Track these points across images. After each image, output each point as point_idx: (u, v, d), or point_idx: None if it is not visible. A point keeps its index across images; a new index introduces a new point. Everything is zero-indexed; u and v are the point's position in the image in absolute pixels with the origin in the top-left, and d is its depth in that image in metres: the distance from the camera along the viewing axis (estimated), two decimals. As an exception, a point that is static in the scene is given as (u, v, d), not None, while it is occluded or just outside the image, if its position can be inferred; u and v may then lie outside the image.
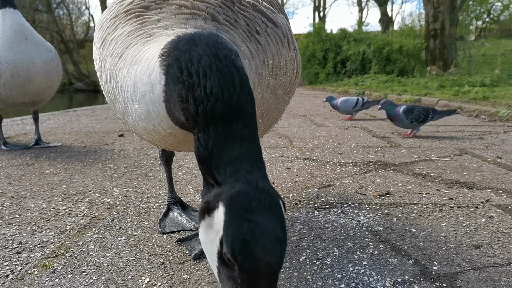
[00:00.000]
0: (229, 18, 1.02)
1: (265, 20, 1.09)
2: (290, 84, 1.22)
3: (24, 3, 27.67)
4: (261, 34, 1.05)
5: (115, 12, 1.10)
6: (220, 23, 0.99)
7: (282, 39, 1.12)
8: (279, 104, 1.21)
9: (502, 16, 23.97)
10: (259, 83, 1.04)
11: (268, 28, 1.08)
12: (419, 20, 23.10)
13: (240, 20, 1.04)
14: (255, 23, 1.06)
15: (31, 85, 3.04)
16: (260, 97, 1.07)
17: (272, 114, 1.22)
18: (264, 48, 1.05)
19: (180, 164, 2.67)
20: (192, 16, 0.99)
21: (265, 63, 1.05)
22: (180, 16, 0.99)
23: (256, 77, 1.02)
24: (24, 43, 2.96)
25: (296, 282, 1.16)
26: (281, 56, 1.11)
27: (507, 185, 2.12)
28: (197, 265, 1.28)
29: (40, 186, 2.19)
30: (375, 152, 3.01)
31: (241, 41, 1.00)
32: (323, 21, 32.50)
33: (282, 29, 1.14)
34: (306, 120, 5.06)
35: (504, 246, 1.38)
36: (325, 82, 16.64)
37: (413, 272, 1.22)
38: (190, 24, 0.97)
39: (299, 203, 1.87)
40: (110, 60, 1.04)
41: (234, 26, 1.01)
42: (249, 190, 0.68)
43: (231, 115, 0.74)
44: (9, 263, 1.29)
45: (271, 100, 1.13)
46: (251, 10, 1.08)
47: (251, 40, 1.02)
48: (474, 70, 13.80)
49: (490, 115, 5.20)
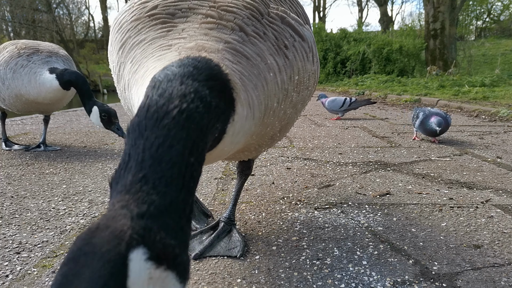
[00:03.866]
0: (258, 30, 0.99)
1: (293, 33, 1.06)
2: (309, 97, 1.21)
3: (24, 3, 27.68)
4: (289, 48, 1.03)
5: (137, 15, 1.06)
6: (248, 35, 0.96)
7: (308, 53, 1.10)
8: (296, 117, 1.21)
9: (502, 16, 24.00)
10: (283, 99, 1.01)
11: (296, 42, 1.05)
12: (419, 20, 23.07)
13: (269, 33, 1.00)
14: (284, 37, 1.03)
15: (38, 105, 3.00)
16: (282, 113, 1.05)
17: (289, 127, 1.22)
18: (291, 63, 1.02)
19: (180, 164, 2.67)
20: (217, 26, 0.95)
21: (291, 79, 1.02)
22: (204, 26, 0.96)
23: (281, 92, 0.99)
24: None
25: (296, 282, 1.16)
26: (305, 71, 1.09)
27: (507, 185, 2.12)
28: (197, 265, 1.28)
29: (40, 186, 2.19)
30: (375, 152, 3.01)
31: (269, 54, 0.97)
32: (323, 21, 32.51)
33: (309, 43, 1.11)
34: (306, 120, 5.05)
35: (504, 246, 1.38)
36: (325, 82, 16.64)
37: (413, 272, 1.22)
38: (212, 35, 0.93)
39: (299, 203, 1.87)
40: (130, 66, 1.00)
41: (263, 39, 0.98)
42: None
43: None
44: (9, 263, 1.29)
45: (291, 115, 1.12)
46: (280, 23, 1.04)
47: (279, 54, 1.00)
48: (474, 70, 13.80)
49: (490, 115, 5.20)
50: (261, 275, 1.21)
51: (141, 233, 0.50)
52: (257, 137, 1.07)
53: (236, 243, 1.39)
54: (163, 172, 0.57)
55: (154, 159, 0.58)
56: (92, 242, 0.49)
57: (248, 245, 1.42)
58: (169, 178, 0.57)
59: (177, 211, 0.57)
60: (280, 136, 1.23)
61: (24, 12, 29.26)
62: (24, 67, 2.79)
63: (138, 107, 0.66)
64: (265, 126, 1.02)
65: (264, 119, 0.97)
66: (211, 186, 2.16)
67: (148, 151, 0.59)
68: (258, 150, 1.23)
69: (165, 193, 0.56)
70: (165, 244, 0.52)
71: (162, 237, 0.52)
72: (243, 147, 1.10)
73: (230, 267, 1.26)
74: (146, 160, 0.58)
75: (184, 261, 0.55)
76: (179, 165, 0.59)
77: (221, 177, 2.32)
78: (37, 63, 2.81)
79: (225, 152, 0.89)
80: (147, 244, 0.50)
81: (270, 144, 1.23)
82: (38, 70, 2.79)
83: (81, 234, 0.51)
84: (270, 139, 1.17)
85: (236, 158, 1.36)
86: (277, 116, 1.04)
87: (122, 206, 0.54)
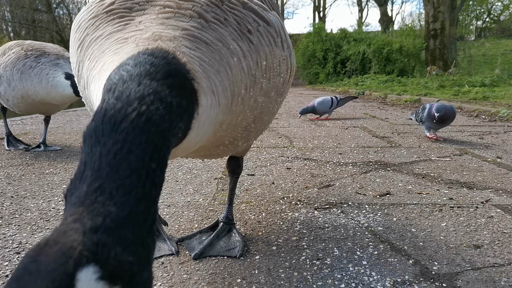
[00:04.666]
0: (218, 16, 0.96)
1: (256, 18, 1.03)
2: (283, 85, 1.15)
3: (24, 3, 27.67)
4: (253, 33, 1.00)
5: (94, 12, 1.04)
6: (208, 21, 0.93)
7: (275, 38, 1.07)
8: (272, 107, 1.16)
9: (502, 16, 24.00)
10: (252, 86, 0.99)
11: (260, 27, 1.03)
12: (419, 20, 23.08)
13: (230, 18, 0.98)
14: (246, 22, 1.00)
15: (43, 105, 3.00)
16: (253, 101, 1.02)
17: (265, 117, 1.15)
18: (257, 48, 1.00)
19: (180, 164, 2.67)
20: (174, 15, 0.93)
21: (258, 64, 1.00)
22: (161, 16, 0.93)
23: (248, 78, 0.97)
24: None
25: (296, 282, 1.16)
26: (274, 56, 1.06)
27: (507, 185, 2.12)
28: (197, 265, 1.28)
29: (40, 186, 2.19)
30: (375, 152, 3.01)
31: (231, 39, 0.94)
32: (323, 21, 32.49)
33: (275, 28, 1.08)
34: (306, 120, 5.06)
35: (504, 246, 1.38)
36: (325, 82, 16.63)
37: (413, 272, 1.22)
38: (169, 23, 0.91)
39: (299, 203, 1.87)
40: (88, 64, 0.97)
41: (224, 25, 0.95)
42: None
43: None
44: (9, 263, 1.29)
45: (264, 104, 1.08)
46: (241, 8, 1.02)
47: (243, 39, 0.97)
48: (474, 70, 13.80)
49: (490, 115, 5.20)
50: (261, 275, 1.21)
51: (93, 249, 0.46)
52: (229, 128, 1.02)
53: (235, 243, 1.39)
54: (121, 181, 0.53)
55: (111, 167, 0.54)
56: (38, 259, 0.45)
57: (248, 245, 1.42)
58: (128, 187, 0.53)
59: (136, 223, 0.52)
60: (256, 128, 1.17)
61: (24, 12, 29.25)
62: (33, 68, 2.81)
63: (95, 111, 0.62)
64: (235, 115, 0.98)
65: (232, 106, 0.93)
66: (211, 186, 2.16)
67: (105, 158, 0.55)
68: (234, 144, 1.17)
69: (124, 203, 0.52)
70: (121, 261, 0.48)
71: (118, 253, 0.48)
72: (216, 140, 1.06)
73: (230, 267, 1.26)
74: (103, 168, 0.54)
75: (144, 280, 0.51)
76: (138, 172, 0.55)
77: (221, 177, 2.32)
78: (46, 65, 2.83)
79: (192, 145, 0.86)
80: (99, 262, 0.46)
81: (246, 137, 1.17)
82: (50, 72, 2.81)
83: (29, 251, 0.47)
84: (244, 130, 1.11)
85: (215, 155, 1.28)
86: (247, 104, 1.00)
87: (74, 219, 0.49)
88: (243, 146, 1.27)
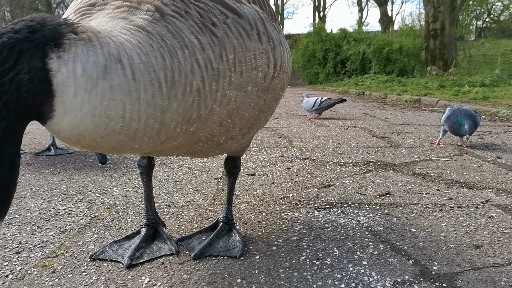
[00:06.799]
0: (179, 9, 0.95)
1: (225, 11, 1.01)
2: (266, 80, 1.11)
3: (24, 3, 27.69)
4: (218, 26, 0.98)
5: (68, 12, 1.04)
6: (164, 15, 0.92)
7: (249, 31, 1.05)
8: (254, 102, 1.12)
9: (502, 16, 23.99)
10: (214, 79, 0.96)
11: (229, 19, 1.01)
12: (419, 20, 23.07)
13: (192, 11, 0.96)
14: (211, 14, 0.98)
15: None
16: (220, 95, 0.99)
17: (245, 113, 1.11)
18: (221, 40, 0.97)
19: (180, 164, 2.67)
20: (128, 9, 0.92)
21: (223, 57, 0.97)
22: (116, 10, 0.93)
23: (206, 71, 0.94)
24: None
25: (296, 282, 1.16)
26: (246, 49, 1.03)
27: (507, 185, 2.12)
28: (197, 265, 1.28)
29: (40, 186, 2.19)
30: (375, 152, 3.01)
31: (189, 33, 0.93)
32: (323, 21, 32.48)
33: (250, 20, 1.06)
34: (306, 120, 5.06)
35: (504, 246, 1.38)
36: (325, 82, 16.63)
37: (413, 272, 1.22)
38: (119, 16, 0.91)
39: (299, 203, 1.87)
40: None
41: (184, 18, 0.94)
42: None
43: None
44: (9, 263, 1.29)
45: (239, 98, 1.05)
46: (208, 0, 1.01)
47: (205, 33, 0.95)
48: (474, 70, 13.79)
49: (490, 115, 5.20)
50: (261, 275, 1.21)
51: None
52: (195, 122, 0.98)
53: (235, 243, 1.39)
54: None
55: None
56: None
57: (248, 245, 1.42)
58: None
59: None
60: (237, 124, 1.12)
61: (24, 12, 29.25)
62: None
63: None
64: (191, 105, 0.93)
65: (179, 95, 0.89)
66: (211, 186, 2.16)
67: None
68: (214, 140, 1.13)
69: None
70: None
71: None
72: (188, 135, 1.01)
73: (230, 267, 1.26)
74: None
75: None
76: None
77: (221, 177, 2.32)
78: None
79: (80, 122, 0.78)
80: None
81: (226, 133, 1.13)
82: None
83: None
84: (220, 126, 1.07)
85: (200, 153, 1.23)
86: (212, 99, 0.97)
87: None
88: (232, 144, 1.23)
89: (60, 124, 0.78)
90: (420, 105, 7.00)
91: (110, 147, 0.88)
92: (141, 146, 0.91)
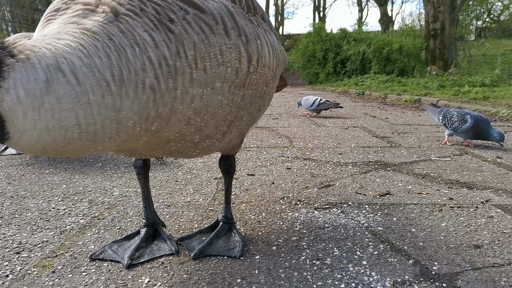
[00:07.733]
0: (134, 8, 0.94)
1: (185, 6, 0.99)
2: (238, 75, 1.07)
3: (24, 3, 27.68)
4: (176, 22, 0.96)
5: (41, 19, 1.03)
6: (118, 14, 0.92)
7: (213, 26, 1.02)
8: (227, 99, 1.08)
9: (502, 16, 23.99)
10: (171, 77, 0.94)
11: (189, 15, 0.99)
12: (419, 20, 23.06)
13: (148, 8, 0.95)
14: (169, 11, 0.97)
15: None
16: (180, 93, 0.97)
17: (218, 110, 1.07)
18: (179, 37, 0.96)
19: (180, 164, 2.67)
20: (83, 12, 0.92)
21: (180, 54, 0.95)
22: (72, 14, 0.93)
23: (160, 69, 0.92)
24: None
25: (296, 282, 1.16)
26: (210, 45, 1.01)
27: (507, 185, 2.12)
28: (197, 265, 1.28)
29: (40, 186, 2.19)
30: (375, 152, 3.01)
31: (143, 30, 0.92)
32: (323, 21, 32.47)
33: (214, 15, 1.03)
34: (306, 120, 5.06)
35: (504, 246, 1.38)
36: (325, 82, 16.63)
37: (413, 272, 1.22)
38: (70, 21, 0.90)
39: (299, 203, 1.87)
40: None
41: (138, 15, 0.93)
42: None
43: None
44: (9, 263, 1.29)
45: (206, 96, 1.02)
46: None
47: (159, 29, 0.94)
48: (474, 70, 13.80)
49: (490, 115, 5.19)
50: (261, 275, 1.21)
51: None
52: (156, 120, 0.96)
53: (235, 243, 1.39)
54: None
55: None
56: None
57: (248, 245, 1.42)
58: None
59: None
60: (206, 123, 1.09)
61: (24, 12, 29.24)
62: None
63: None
64: (147, 104, 0.92)
65: (130, 93, 0.88)
66: (211, 186, 2.16)
67: None
68: (186, 139, 1.10)
69: None
70: None
71: None
72: (156, 137, 1.01)
73: (230, 267, 1.26)
74: None
75: None
76: None
77: (221, 177, 2.32)
78: None
79: (33, 134, 0.79)
80: None
81: (198, 132, 1.10)
82: None
83: None
84: (187, 124, 1.05)
85: (176, 152, 1.20)
86: (170, 96, 0.95)
87: None
88: (215, 143, 1.20)
89: (20, 143, 0.79)
90: (420, 105, 7.00)
91: (76, 152, 0.89)
92: (104, 147, 0.91)
